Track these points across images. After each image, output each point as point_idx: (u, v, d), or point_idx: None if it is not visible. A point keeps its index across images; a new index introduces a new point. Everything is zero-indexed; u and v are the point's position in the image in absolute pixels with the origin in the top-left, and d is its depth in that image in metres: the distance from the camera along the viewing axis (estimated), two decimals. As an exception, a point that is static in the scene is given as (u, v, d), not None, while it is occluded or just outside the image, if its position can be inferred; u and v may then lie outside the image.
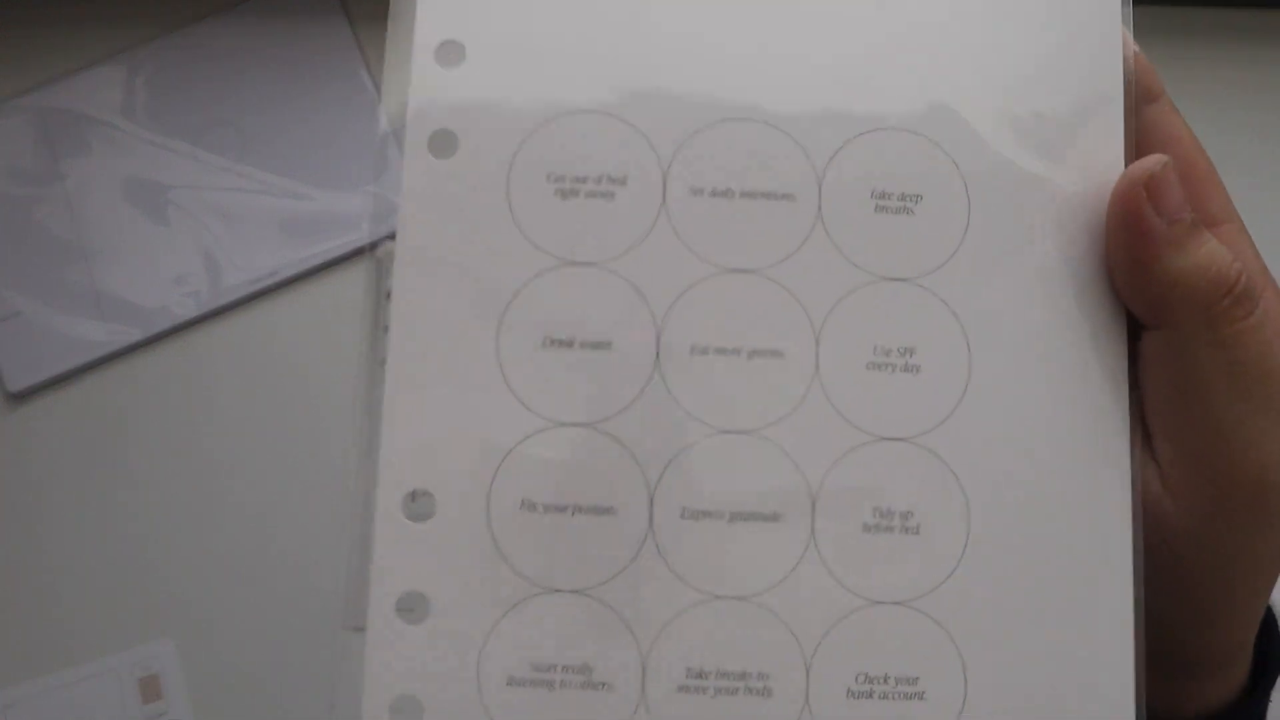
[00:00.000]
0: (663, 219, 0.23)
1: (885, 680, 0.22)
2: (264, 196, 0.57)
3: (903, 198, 0.23)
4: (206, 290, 0.56)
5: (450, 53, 0.24)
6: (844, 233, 0.23)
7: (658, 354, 0.23)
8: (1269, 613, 0.27)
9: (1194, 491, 0.23)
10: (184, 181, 0.57)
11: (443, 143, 0.23)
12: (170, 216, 0.57)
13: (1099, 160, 0.23)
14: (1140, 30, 0.24)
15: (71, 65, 0.58)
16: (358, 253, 0.57)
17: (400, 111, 0.24)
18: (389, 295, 0.23)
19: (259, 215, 0.57)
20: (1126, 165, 0.23)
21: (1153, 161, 0.22)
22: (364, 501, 0.23)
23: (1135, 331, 0.23)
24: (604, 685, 0.22)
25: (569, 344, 0.23)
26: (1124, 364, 0.23)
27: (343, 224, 0.57)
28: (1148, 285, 0.22)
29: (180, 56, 0.58)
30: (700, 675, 0.22)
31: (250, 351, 0.56)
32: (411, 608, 0.22)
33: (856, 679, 0.22)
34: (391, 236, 0.24)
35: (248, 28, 0.58)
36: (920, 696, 0.22)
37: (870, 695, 0.22)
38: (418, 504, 0.23)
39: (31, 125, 0.57)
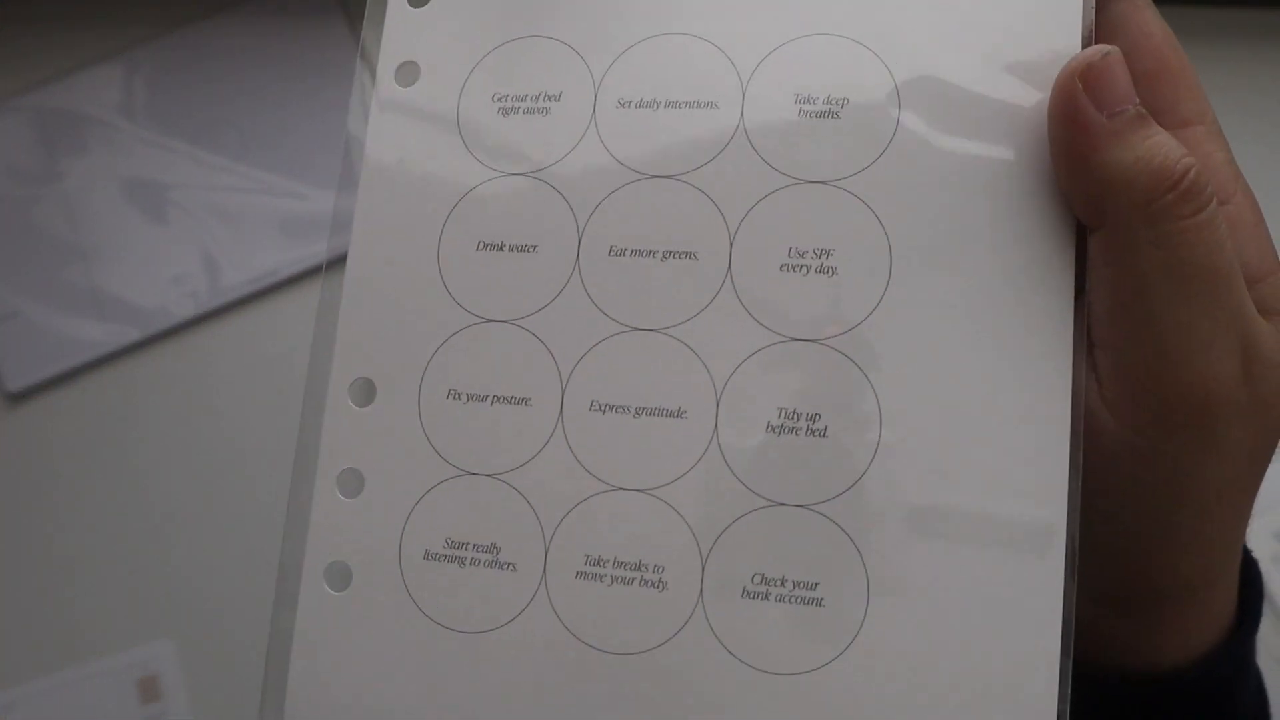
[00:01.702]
0: (591, 131, 0.24)
1: (783, 583, 0.22)
2: (263, 196, 0.57)
3: (828, 101, 0.23)
4: (205, 290, 0.56)
5: None
6: (765, 138, 0.23)
7: (578, 257, 0.24)
8: (1247, 555, 0.25)
9: (1133, 407, 0.21)
10: (183, 181, 0.57)
11: (407, 73, 0.26)
12: (169, 216, 0.57)
13: (1053, 57, 0.22)
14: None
15: (70, 64, 0.58)
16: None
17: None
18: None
19: (258, 215, 0.57)
20: None
21: (1093, 51, 0.21)
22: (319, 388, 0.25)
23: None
24: (509, 565, 0.23)
25: (500, 247, 0.24)
26: (1069, 271, 0.22)
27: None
28: (1085, 181, 0.21)
29: (179, 56, 0.58)
30: (598, 563, 0.23)
31: (249, 351, 0.56)
32: (350, 483, 0.24)
33: (753, 579, 0.22)
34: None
35: (247, 28, 0.58)
36: (819, 603, 0.21)
37: (766, 597, 0.22)
38: (362, 390, 0.25)
39: (30, 125, 0.57)
